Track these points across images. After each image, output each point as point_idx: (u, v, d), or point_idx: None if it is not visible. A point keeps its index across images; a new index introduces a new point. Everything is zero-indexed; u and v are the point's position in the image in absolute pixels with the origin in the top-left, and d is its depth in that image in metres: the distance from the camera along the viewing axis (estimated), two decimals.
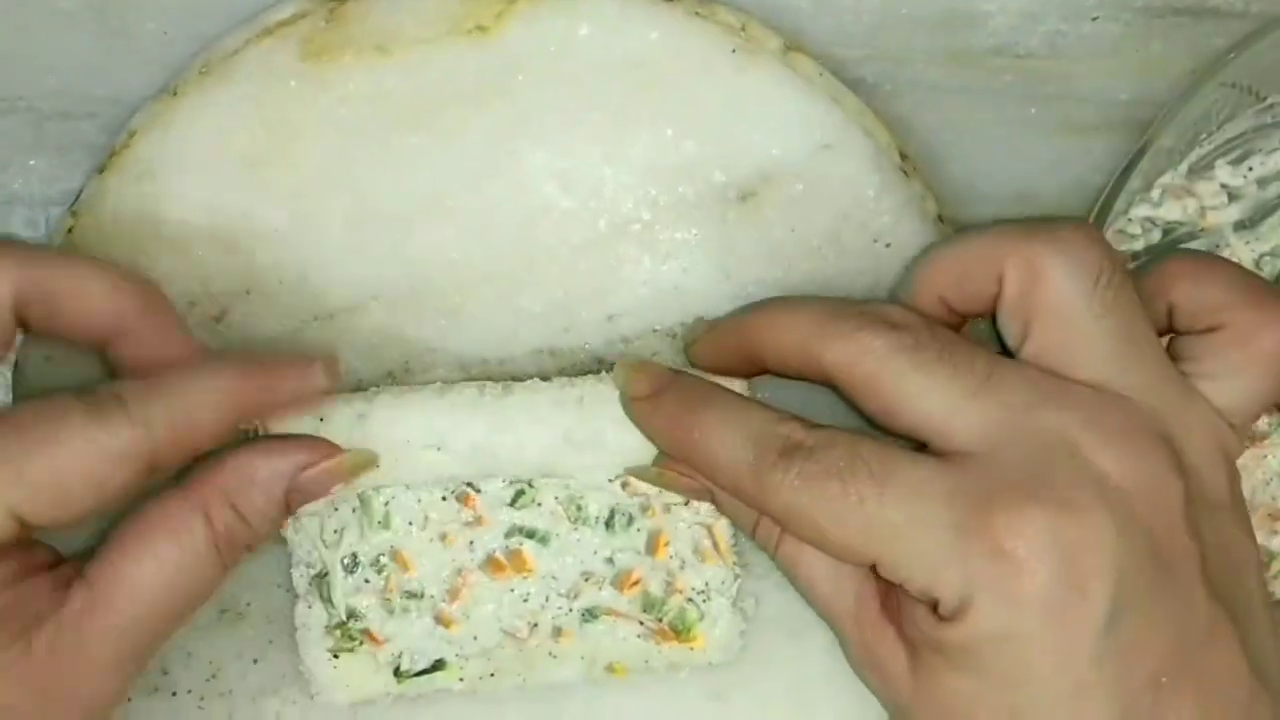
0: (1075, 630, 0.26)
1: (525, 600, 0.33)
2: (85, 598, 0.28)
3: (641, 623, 0.33)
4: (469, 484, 0.32)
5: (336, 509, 0.32)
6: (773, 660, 0.34)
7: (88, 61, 0.35)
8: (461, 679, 0.33)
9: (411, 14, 0.33)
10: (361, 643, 0.33)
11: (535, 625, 0.33)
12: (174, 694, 0.34)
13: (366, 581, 0.32)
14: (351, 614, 0.33)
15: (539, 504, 0.32)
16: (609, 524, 0.33)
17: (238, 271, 0.34)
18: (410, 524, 0.32)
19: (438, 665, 0.33)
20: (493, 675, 0.33)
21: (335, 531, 0.32)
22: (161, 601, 0.28)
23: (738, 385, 0.32)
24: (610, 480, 0.32)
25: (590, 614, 0.33)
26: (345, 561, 0.32)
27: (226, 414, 0.29)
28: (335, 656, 0.33)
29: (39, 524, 0.28)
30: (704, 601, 0.33)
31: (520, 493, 0.32)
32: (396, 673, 0.33)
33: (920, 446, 0.28)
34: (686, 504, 0.32)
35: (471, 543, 0.33)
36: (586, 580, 0.33)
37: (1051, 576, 0.26)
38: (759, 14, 0.34)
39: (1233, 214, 0.36)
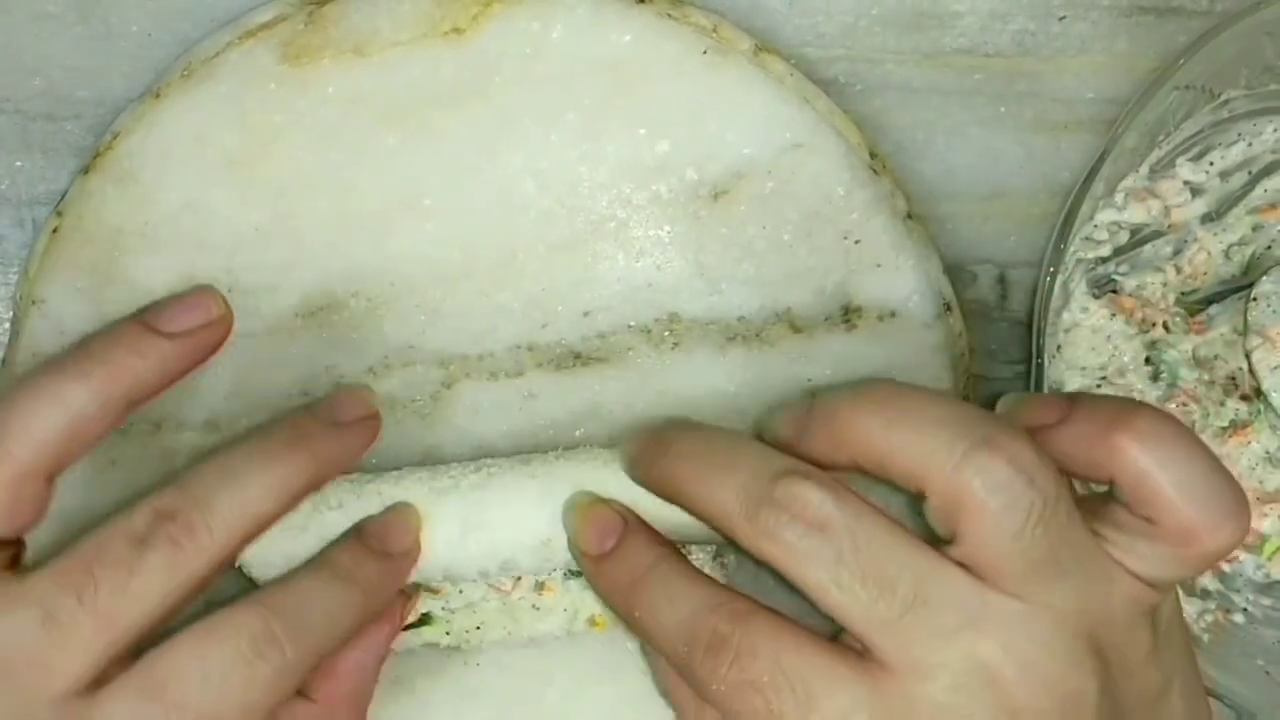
0: None
1: None
2: None
3: None
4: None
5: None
6: None
7: (72, 63, 0.36)
8: (448, 632, 0.34)
9: (389, 17, 0.33)
10: None
11: (519, 579, 0.33)
12: None
13: None
14: None
15: None
16: None
17: (219, 269, 0.34)
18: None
19: (425, 620, 0.34)
20: (478, 628, 0.34)
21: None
22: None
23: None
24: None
25: (573, 570, 0.33)
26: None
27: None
28: None
29: None
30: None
31: None
32: None
33: None
34: None
35: None
36: None
37: None
38: (731, 15, 0.35)
39: (1198, 208, 0.37)
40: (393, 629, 0.32)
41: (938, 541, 0.27)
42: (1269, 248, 0.37)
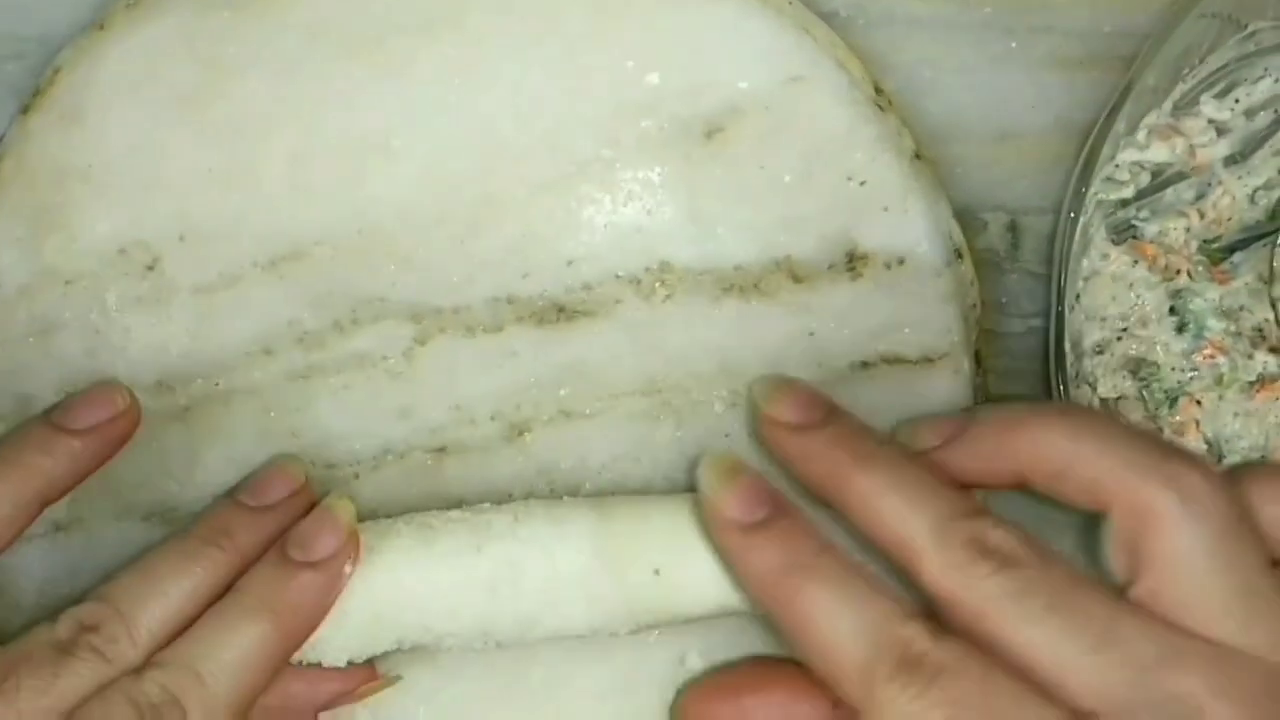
0: None
1: None
2: None
3: None
4: None
5: None
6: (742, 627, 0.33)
7: (12, 1, 0.34)
8: None
9: None
10: None
11: None
12: None
13: None
14: None
15: None
16: None
17: (170, 216, 0.32)
18: None
19: None
20: None
21: None
22: None
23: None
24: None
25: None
26: None
27: (271, 671, 0.29)
28: None
29: None
30: None
31: None
32: None
33: None
34: None
35: None
36: None
37: None
38: None
39: (1222, 149, 0.35)
40: (341, 685, 0.31)
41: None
42: None
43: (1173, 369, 0.34)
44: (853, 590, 0.26)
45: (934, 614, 0.26)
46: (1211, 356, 0.34)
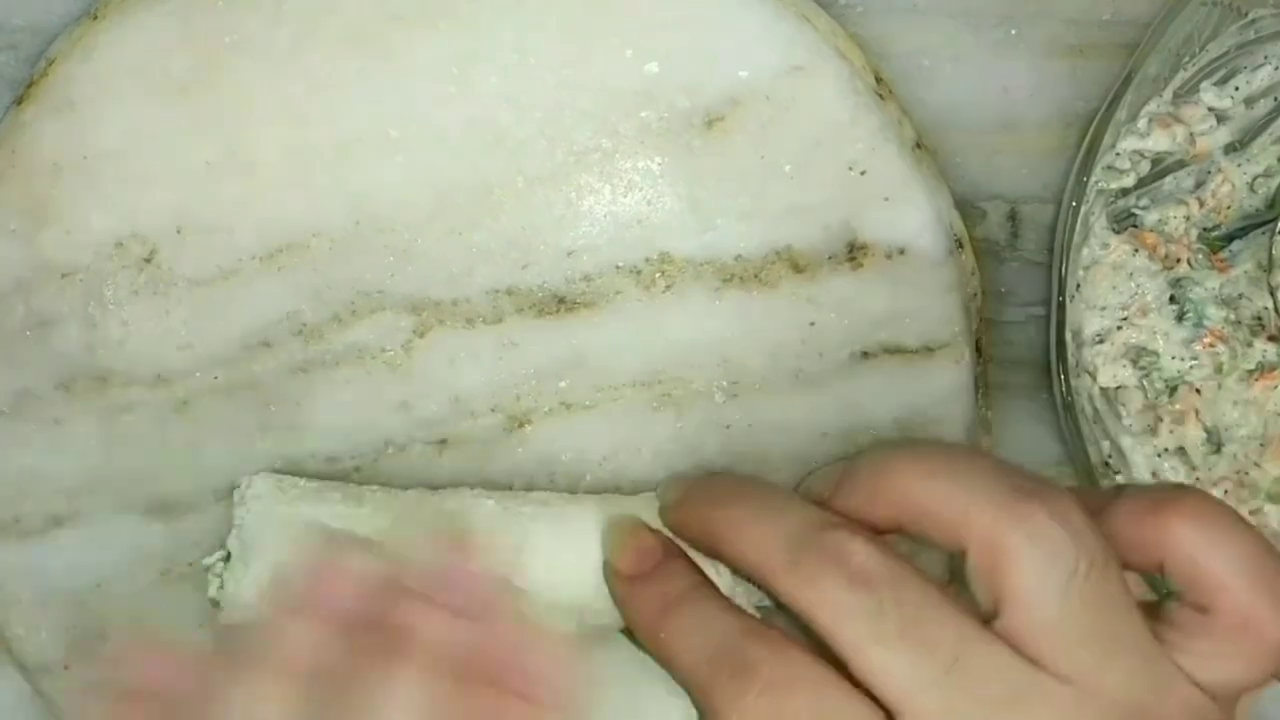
0: None
1: None
2: None
3: None
4: None
5: None
6: None
7: None
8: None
9: None
10: None
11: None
12: None
13: None
14: None
15: None
16: None
17: (166, 207, 0.32)
18: None
19: None
20: None
21: None
22: None
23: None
24: None
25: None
26: None
27: None
28: None
29: None
30: None
31: None
32: None
33: None
34: None
35: None
36: None
37: None
38: None
39: (1222, 137, 0.34)
40: None
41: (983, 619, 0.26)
42: None
43: (1172, 357, 0.34)
44: (705, 616, 0.27)
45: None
46: (1211, 345, 0.34)
